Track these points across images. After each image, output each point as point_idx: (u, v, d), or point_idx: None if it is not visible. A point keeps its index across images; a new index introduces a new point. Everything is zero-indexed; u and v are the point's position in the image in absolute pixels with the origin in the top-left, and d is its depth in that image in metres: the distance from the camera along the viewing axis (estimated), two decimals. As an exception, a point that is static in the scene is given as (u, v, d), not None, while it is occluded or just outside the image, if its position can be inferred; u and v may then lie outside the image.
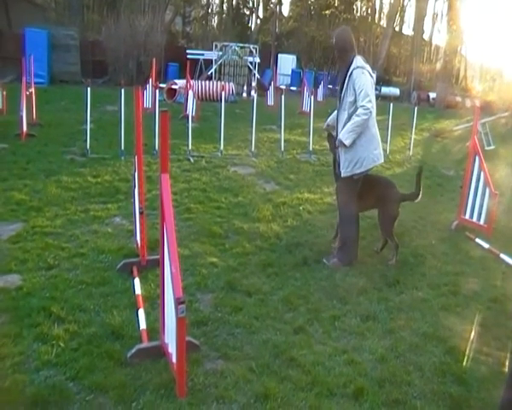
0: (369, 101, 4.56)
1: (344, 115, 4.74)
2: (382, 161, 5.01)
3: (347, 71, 4.69)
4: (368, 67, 4.75)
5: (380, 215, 5.17)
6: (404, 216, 6.66)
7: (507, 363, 3.33)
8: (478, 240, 5.86)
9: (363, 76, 4.60)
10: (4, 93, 12.24)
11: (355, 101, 4.62)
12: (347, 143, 4.64)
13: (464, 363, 3.46)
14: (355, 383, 3.14)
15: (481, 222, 6.14)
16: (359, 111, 4.56)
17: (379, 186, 5.10)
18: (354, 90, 4.61)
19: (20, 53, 16.57)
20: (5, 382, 2.88)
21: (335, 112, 5.06)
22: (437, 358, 3.50)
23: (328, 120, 5.26)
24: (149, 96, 13.94)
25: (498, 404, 2.54)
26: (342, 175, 4.81)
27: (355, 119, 4.59)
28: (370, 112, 4.56)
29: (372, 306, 4.18)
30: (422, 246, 5.64)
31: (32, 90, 11.24)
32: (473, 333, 3.82)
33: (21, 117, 9.68)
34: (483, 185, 6.12)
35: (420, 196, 5.24)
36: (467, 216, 6.35)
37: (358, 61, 4.70)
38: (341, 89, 4.79)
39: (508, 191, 7.58)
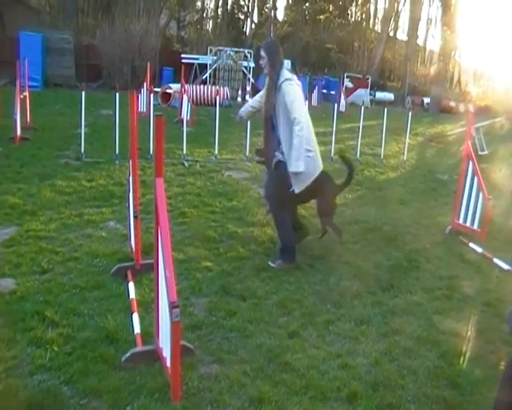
0: (301, 112, 4.59)
1: (285, 133, 4.68)
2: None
3: (276, 85, 4.67)
4: (295, 77, 4.77)
5: (319, 207, 5.43)
6: (399, 221, 6.71)
7: (501, 365, 3.35)
8: (471, 244, 5.89)
9: (291, 87, 4.60)
10: (-2, 96, 12.20)
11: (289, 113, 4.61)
12: (302, 169, 4.63)
13: (458, 367, 3.47)
14: (349, 386, 3.15)
15: (475, 227, 6.18)
16: (295, 130, 4.53)
17: (316, 179, 5.06)
18: (285, 103, 4.59)
19: (15, 56, 16.51)
20: (-2, 386, 2.88)
21: (250, 102, 5.27)
22: (431, 362, 3.51)
23: (241, 111, 5.27)
24: (144, 101, 13.95)
25: (491, 405, 2.55)
26: (296, 191, 4.81)
27: (294, 142, 4.55)
28: (303, 128, 4.56)
29: (366, 310, 4.19)
30: (416, 250, 5.67)
31: (26, 93, 11.22)
32: (466, 337, 3.84)
33: (15, 120, 9.65)
34: (476, 190, 6.15)
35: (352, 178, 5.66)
36: (460, 221, 6.38)
37: (286, 73, 4.69)
38: (271, 106, 4.75)
39: (501, 196, 7.63)
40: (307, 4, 42.17)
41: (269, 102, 4.77)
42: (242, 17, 44.50)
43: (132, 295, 3.97)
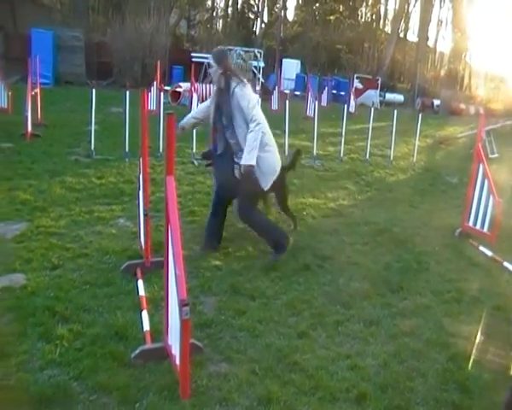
0: (257, 111, 4.61)
1: (242, 135, 4.67)
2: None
3: (228, 92, 4.66)
4: (245, 79, 4.80)
5: (280, 199, 5.67)
6: (408, 223, 6.69)
7: (511, 369, 3.33)
8: (481, 247, 5.86)
9: (245, 90, 4.62)
10: (10, 93, 12.28)
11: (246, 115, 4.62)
12: (253, 162, 4.58)
13: (467, 370, 3.45)
14: (358, 388, 3.14)
15: (485, 230, 6.14)
16: (251, 127, 4.56)
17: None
18: (241, 107, 4.59)
19: (26, 53, 16.64)
20: (10, 380, 2.89)
21: (194, 113, 5.29)
22: (440, 364, 3.50)
23: (183, 122, 5.19)
24: (154, 99, 13.98)
25: (503, 404, 2.53)
26: (266, 188, 4.88)
27: (249, 136, 4.56)
28: (259, 123, 4.57)
29: (375, 311, 4.18)
30: (426, 252, 5.64)
31: (38, 90, 11.29)
32: (476, 340, 3.82)
33: (26, 117, 9.72)
34: (487, 193, 6.12)
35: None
36: (470, 223, 6.34)
37: (236, 78, 4.70)
38: (225, 110, 4.75)
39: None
40: (317, 4, 42.11)
41: (219, 108, 4.76)
42: (252, 17, 44.55)
43: (142, 292, 3.98)
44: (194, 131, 9.45)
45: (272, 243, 4.98)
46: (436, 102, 30.26)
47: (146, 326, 3.50)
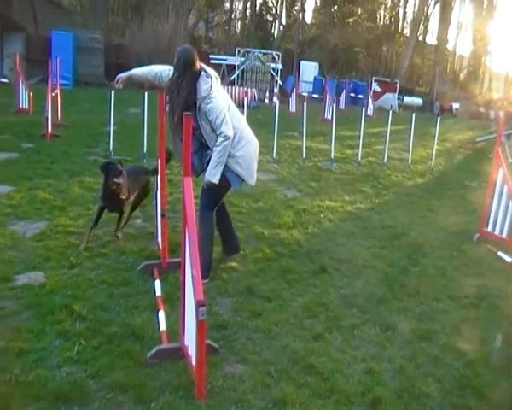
0: (226, 126, 4.17)
1: (212, 141, 4.30)
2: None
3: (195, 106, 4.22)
4: (212, 74, 4.28)
5: (135, 198, 5.42)
6: (426, 227, 6.64)
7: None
8: (500, 253, 5.79)
9: (211, 104, 4.14)
10: (31, 94, 12.44)
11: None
12: (215, 180, 4.25)
13: (484, 377, 3.41)
14: (373, 392, 3.13)
15: (504, 235, 6.08)
16: (219, 140, 4.18)
17: (140, 174, 5.50)
18: (209, 120, 4.22)
19: (47, 55, 16.84)
20: (28, 376, 2.93)
21: (150, 71, 4.65)
22: (456, 371, 3.47)
23: (133, 72, 4.76)
24: (172, 100, 14.05)
25: None
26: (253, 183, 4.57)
27: (216, 150, 4.20)
28: (227, 137, 4.17)
29: (392, 316, 4.15)
30: (443, 257, 5.60)
31: (58, 91, 11.42)
32: (493, 347, 3.78)
33: (47, 118, 9.83)
34: (506, 198, 6.05)
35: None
36: (489, 229, 6.28)
37: (202, 89, 4.16)
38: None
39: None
40: (335, 7, 41.97)
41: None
42: (270, 19, 44.57)
43: (158, 292, 4.01)
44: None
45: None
46: (455, 105, 29.99)
47: (162, 326, 3.53)
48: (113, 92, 8.81)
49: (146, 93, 8.72)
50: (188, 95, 4.16)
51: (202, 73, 4.22)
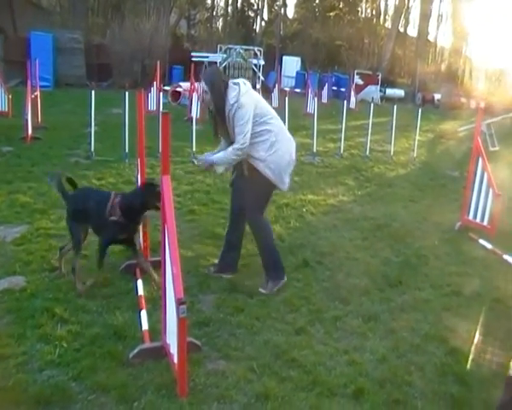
0: (246, 133, 4.14)
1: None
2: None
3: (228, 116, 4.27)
4: (240, 80, 4.32)
5: None
6: (408, 218, 6.69)
7: (510, 364, 3.33)
8: (481, 241, 5.85)
9: (240, 111, 4.13)
10: (10, 97, 12.32)
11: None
12: (220, 170, 4.33)
13: (466, 364, 3.45)
14: (356, 383, 3.15)
15: (485, 223, 6.14)
16: (236, 145, 4.16)
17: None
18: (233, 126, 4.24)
19: (26, 56, 16.67)
20: (9, 381, 2.91)
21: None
22: (438, 358, 3.50)
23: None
24: (154, 99, 14.01)
25: (496, 404, 2.52)
26: (285, 189, 4.55)
27: (230, 150, 4.20)
28: (243, 147, 4.15)
29: (374, 306, 4.19)
30: (425, 247, 5.64)
31: (37, 93, 11.32)
32: (475, 334, 3.82)
33: (26, 120, 9.75)
34: (486, 186, 6.12)
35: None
36: (470, 217, 6.34)
37: (230, 96, 4.18)
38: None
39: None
40: (317, 1, 42.03)
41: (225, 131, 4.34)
42: (252, 15, 44.48)
43: (141, 292, 3.99)
44: (194, 129, 9.50)
45: (271, 265, 4.43)
46: (437, 96, 30.15)
47: (145, 326, 3.52)
48: (93, 93, 8.75)
49: (127, 93, 8.68)
50: (218, 106, 4.21)
51: (229, 82, 4.26)
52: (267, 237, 4.50)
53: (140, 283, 4.13)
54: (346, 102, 11.83)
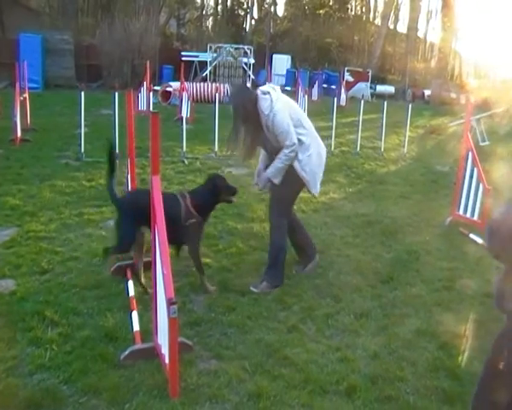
0: (290, 137, 4.20)
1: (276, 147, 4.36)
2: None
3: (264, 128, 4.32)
4: (268, 88, 4.35)
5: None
6: (399, 214, 6.71)
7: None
8: (472, 235, 5.87)
9: (275, 119, 4.17)
10: (-2, 99, 12.24)
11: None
12: (277, 181, 4.30)
13: (457, 358, 3.47)
14: (348, 380, 3.15)
15: (475, 218, 6.16)
16: (285, 151, 4.21)
17: None
18: (274, 133, 4.25)
19: (14, 58, 16.56)
20: (-2, 386, 2.90)
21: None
22: (430, 353, 3.52)
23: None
24: (144, 99, 13.97)
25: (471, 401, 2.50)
26: (316, 193, 4.59)
27: (278, 157, 4.24)
28: (293, 149, 4.22)
29: (366, 303, 4.19)
30: (416, 242, 5.66)
31: (26, 95, 11.24)
32: (466, 328, 3.84)
33: (15, 122, 9.67)
34: (476, 181, 6.14)
35: None
36: (461, 212, 6.37)
37: (263, 106, 4.21)
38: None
39: (502, 187, 7.59)
40: (307, -1, 42.07)
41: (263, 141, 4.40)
42: (242, 13, 44.42)
43: (131, 293, 3.98)
44: (184, 129, 9.47)
45: (274, 267, 4.42)
46: (427, 92, 30.29)
47: (136, 327, 3.50)
48: (83, 94, 8.70)
49: (117, 94, 8.63)
50: (252, 122, 4.22)
51: (258, 92, 4.26)
52: (281, 240, 4.50)
53: (131, 284, 4.11)
54: (336, 99, 11.84)
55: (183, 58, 23.70)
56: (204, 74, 24.37)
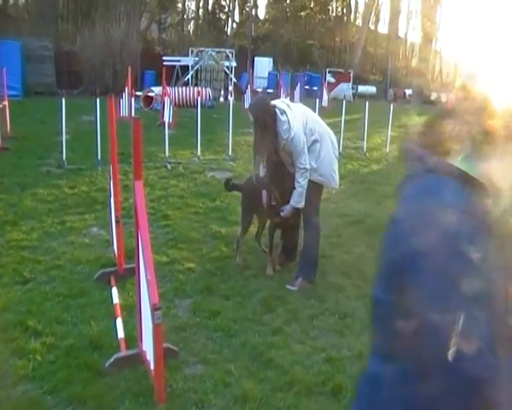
0: (304, 154, 4.35)
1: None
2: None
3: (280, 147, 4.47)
4: (282, 105, 4.44)
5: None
6: (382, 213, 6.73)
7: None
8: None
9: (292, 140, 4.31)
10: (-23, 107, 12.08)
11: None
12: (300, 205, 4.43)
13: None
14: (334, 380, 3.17)
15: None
16: (299, 173, 4.35)
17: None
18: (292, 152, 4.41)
19: (-7, 66, 16.37)
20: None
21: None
22: (414, 351, 3.54)
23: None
24: (126, 105, 13.91)
25: None
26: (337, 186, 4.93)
27: (297, 184, 4.36)
28: (306, 169, 4.35)
29: (350, 303, 4.22)
30: (399, 241, 5.69)
31: (6, 103, 11.12)
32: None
33: (-5, 131, 9.58)
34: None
35: None
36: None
37: (281, 125, 4.34)
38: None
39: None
40: (288, 1, 42.17)
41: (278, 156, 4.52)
42: (223, 17, 44.44)
43: (116, 300, 3.96)
44: (167, 134, 9.45)
45: (309, 264, 4.54)
46: (408, 91, 30.55)
47: (120, 334, 3.48)
48: (63, 101, 8.64)
49: (98, 100, 8.59)
50: (265, 134, 4.38)
51: (278, 113, 4.35)
52: (315, 237, 4.61)
53: (115, 291, 4.09)
54: (318, 100, 11.89)
55: (165, 63, 23.60)
56: (186, 79, 24.31)
